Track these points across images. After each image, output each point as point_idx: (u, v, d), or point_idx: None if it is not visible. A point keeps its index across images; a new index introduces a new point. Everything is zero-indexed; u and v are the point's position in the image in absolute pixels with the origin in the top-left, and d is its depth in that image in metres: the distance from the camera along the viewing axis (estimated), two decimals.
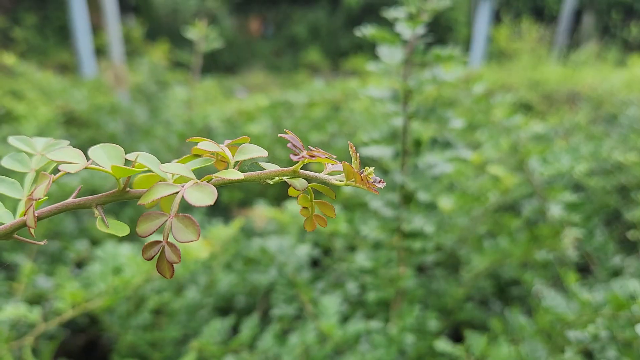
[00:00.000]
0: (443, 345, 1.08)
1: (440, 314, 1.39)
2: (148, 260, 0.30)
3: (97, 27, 4.91)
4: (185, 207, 1.89)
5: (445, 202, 1.49)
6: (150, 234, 0.29)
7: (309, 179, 0.37)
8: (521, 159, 1.45)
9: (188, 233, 0.29)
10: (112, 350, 1.29)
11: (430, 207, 1.06)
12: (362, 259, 1.14)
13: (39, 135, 1.95)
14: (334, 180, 0.37)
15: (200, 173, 0.35)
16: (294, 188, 0.37)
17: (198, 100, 2.46)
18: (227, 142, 0.38)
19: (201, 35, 1.99)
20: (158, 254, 0.30)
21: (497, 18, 7.64)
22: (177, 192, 0.30)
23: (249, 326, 1.19)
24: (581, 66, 4.81)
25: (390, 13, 0.98)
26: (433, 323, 1.19)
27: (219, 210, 2.09)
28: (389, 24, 1.03)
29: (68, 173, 0.30)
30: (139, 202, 0.31)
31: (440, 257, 1.59)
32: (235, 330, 1.30)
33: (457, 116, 2.25)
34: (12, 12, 8.19)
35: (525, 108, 3.46)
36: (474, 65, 5.92)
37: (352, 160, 0.36)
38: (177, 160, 0.35)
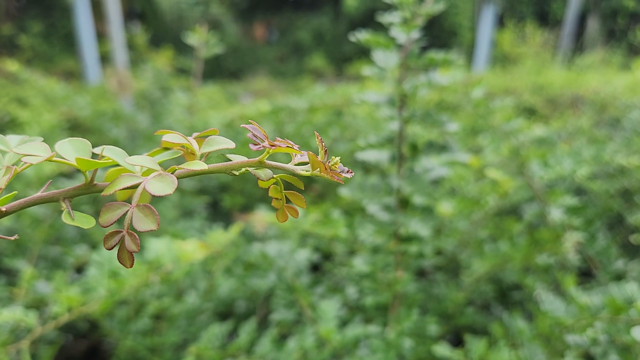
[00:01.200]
0: (442, 349, 1.08)
1: (441, 319, 1.38)
2: (109, 250, 0.30)
3: (102, 34, 4.94)
4: (187, 212, 1.89)
5: (446, 207, 1.48)
6: (112, 224, 0.30)
7: (275, 170, 0.37)
8: (521, 163, 1.44)
9: (148, 222, 0.29)
10: (113, 355, 1.30)
11: (427, 211, 1.06)
12: (359, 263, 1.14)
13: (43, 141, 1.96)
14: (300, 170, 0.37)
15: (172, 165, 0.35)
16: (259, 179, 0.37)
17: (200, 105, 2.47)
18: (195, 134, 0.38)
19: (202, 41, 2.00)
20: (118, 243, 0.30)
21: (501, 22, 7.63)
22: (140, 183, 0.30)
23: (246, 331, 1.19)
24: (586, 70, 4.80)
25: (385, 18, 0.98)
26: (433, 327, 1.19)
27: (221, 216, 2.10)
28: (387, 29, 1.03)
29: (72, 179, 0.31)
30: (102, 194, 0.31)
31: (441, 261, 1.59)
32: (235, 335, 1.29)
33: (459, 120, 2.25)
34: (18, 19, 8.25)
35: (529, 112, 3.46)
36: (477, 69, 5.92)
37: (319, 150, 0.36)
38: (147, 153, 0.36)
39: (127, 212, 0.30)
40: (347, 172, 0.37)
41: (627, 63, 5.28)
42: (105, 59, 4.93)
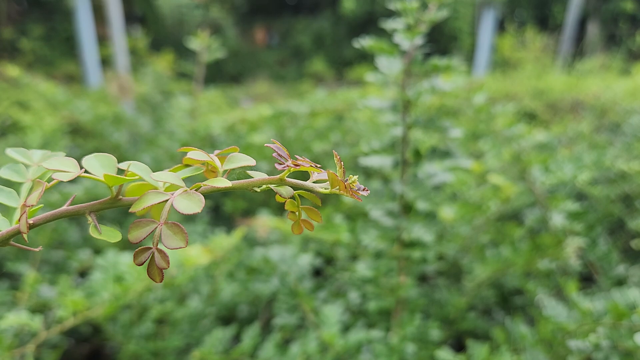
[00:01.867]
0: (444, 354, 1.08)
1: (443, 324, 1.38)
2: (139, 265, 0.30)
3: (103, 38, 4.96)
4: (189, 216, 1.89)
5: (447, 212, 1.49)
6: (141, 240, 0.30)
7: (295, 187, 0.38)
8: (523, 168, 1.45)
9: (177, 240, 0.30)
10: (115, 359, 1.30)
11: (430, 217, 1.06)
12: (362, 268, 1.15)
13: (45, 145, 1.97)
14: (319, 188, 0.38)
15: (192, 181, 0.36)
16: (280, 196, 0.38)
17: (202, 110, 2.48)
18: (216, 152, 0.39)
19: (203, 45, 2.01)
20: (148, 259, 0.31)
21: (501, 27, 7.66)
22: (167, 200, 0.31)
23: (250, 335, 1.20)
24: (586, 75, 4.81)
25: (389, 24, 0.99)
26: (435, 332, 1.19)
27: (223, 220, 2.10)
28: (390, 34, 1.04)
29: (74, 184, 0.31)
30: (130, 210, 0.32)
31: (443, 266, 1.59)
32: (238, 339, 1.30)
33: (460, 126, 2.26)
34: (19, 23, 8.27)
35: (529, 117, 3.47)
36: (478, 74, 5.93)
37: (337, 168, 0.37)
38: (169, 169, 0.36)
39: (155, 229, 0.31)
40: (364, 190, 0.38)
41: (627, 68, 5.29)
42: (106, 62, 4.95)
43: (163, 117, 2.56)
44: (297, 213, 0.41)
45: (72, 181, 1.82)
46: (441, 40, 10.39)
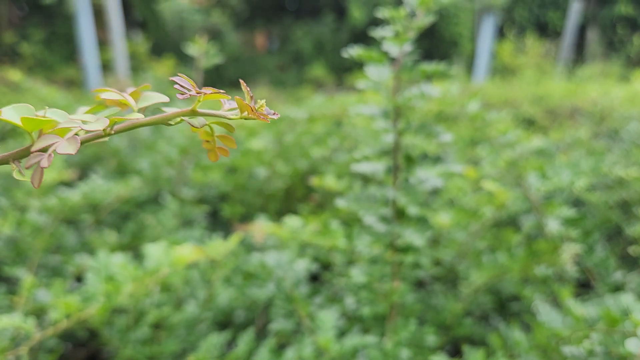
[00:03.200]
0: None
1: (440, 329, 1.38)
2: (27, 168, 0.33)
3: (103, 42, 4.97)
4: (186, 222, 1.90)
5: (444, 217, 1.49)
6: (40, 150, 0.33)
7: (207, 117, 0.40)
8: (518, 175, 1.45)
9: (69, 148, 0.32)
10: None
11: (422, 222, 1.07)
12: (357, 273, 1.15)
13: None
14: (230, 115, 0.40)
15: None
16: (192, 126, 0.40)
17: None
18: (129, 89, 0.40)
19: (202, 51, 2.02)
20: (36, 164, 0.33)
21: (501, 33, 7.68)
22: (76, 126, 0.34)
23: (245, 340, 1.20)
24: (585, 81, 4.82)
25: (378, 32, 1.00)
26: (431, 338, 1.19)
27: (220, 225, 2.10)
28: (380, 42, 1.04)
29: (74, 189, 0.32)
30: (39, 134, 0.34)
31: (439, 272, 1.60)
32: (234, 344, 1.30)
33: (457, 131, 2.25)
34: (20, 27, 8.30)
35: (528, 123, 3.48)
36: (477, 80, 5.94)
37: (245, 95, 0.38)
38: (86, 110, 0.38)
39: (56, 142, 0.33)
40: (273, 114, 0.39)
41: (626, 74, 5.30)
42: (106, 67, 4.96)
43: None
44: (211, 141, 0.42)
45: (69, 184, 1.83)
46: (441, 46, 10.41)
